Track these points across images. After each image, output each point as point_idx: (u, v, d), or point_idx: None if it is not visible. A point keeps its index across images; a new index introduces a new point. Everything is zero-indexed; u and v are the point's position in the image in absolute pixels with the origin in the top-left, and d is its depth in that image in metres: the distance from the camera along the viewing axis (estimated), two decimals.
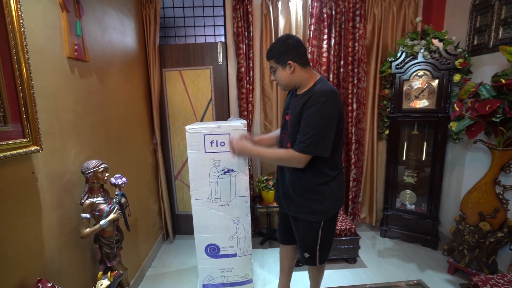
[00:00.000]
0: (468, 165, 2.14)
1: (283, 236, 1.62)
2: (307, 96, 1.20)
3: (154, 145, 2.42)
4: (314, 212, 1.30)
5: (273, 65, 1.28)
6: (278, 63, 1.26)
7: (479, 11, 2.01)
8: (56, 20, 1.20)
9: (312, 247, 1.39)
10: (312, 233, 1.36)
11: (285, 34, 1.28)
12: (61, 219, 1.20)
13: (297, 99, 1.27)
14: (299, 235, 1.42)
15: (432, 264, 2.12)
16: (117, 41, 1.78)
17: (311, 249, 1.40)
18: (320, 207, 1.29)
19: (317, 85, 1.22)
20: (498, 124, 1.67)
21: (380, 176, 2.63)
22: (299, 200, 1.33)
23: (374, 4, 2.36)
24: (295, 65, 1.23)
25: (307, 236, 1.38)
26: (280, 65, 1.25)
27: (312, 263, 1.44)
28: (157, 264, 2.24)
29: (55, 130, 1.17)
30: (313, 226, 1.34)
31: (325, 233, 1.36)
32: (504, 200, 1.78)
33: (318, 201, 1.29)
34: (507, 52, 1.61)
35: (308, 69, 1.27)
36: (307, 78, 1.26)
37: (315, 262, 1.43)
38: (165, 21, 2.55)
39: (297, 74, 1.25)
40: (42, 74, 1.10)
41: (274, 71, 1.29)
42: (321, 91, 1.17)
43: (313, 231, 1.35)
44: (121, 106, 1.81)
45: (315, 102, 1.15)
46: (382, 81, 2.46)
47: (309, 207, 1.31)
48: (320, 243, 1.37)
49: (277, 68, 1.27)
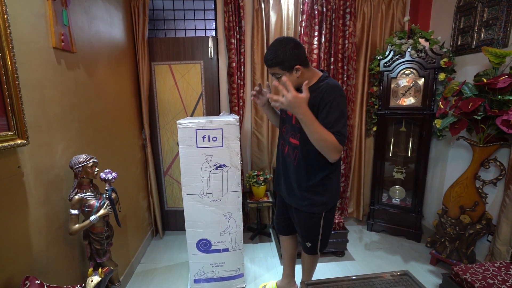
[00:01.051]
0: (451, 161, 2.24)
1: (282, 227, 1.67)
2: (317, 90, 1.20)
3: (143, 140, 2.38)
4: (317, 204, 1.36)
5: (278, 72, 1.22)
6: (285, 70, 1.21)
7: (463, 12, 2.09)
8: (41, 8, 1.15)
9: (315, 236, 1.46)
10: (314, 224, 1.43)
11: (285, 38, 1.21)
12: (49, 215, 1.17)
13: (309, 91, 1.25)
14: (301, 226, 1.46)
15: (416, 256, 2.21)
16: (104, 32, 1.73)
17: (313, 239, 1.47)
18: (322, 199, 1.34)
19: (325, 80, 1.23)
20: (479, 122, 1.75)
21: (368, 172, 2.70)
22: (303, 193, 1.36)
23: (364, 3, 2.40)
24: (302, 68, 1.21)
25: (310, 226, 1.44)
26: (287, 72, 1.21)
27: (314, 252, 1.51)
28: (147, 260, 2.21)
29: (41, 123, 1.13)
30: (315, 217, 1.40)
31: (326, 223, 1.43)
32: (483, 194, 1.88)
33: (320, 193, 1.34)
34: (489, 52, 1.68)
35: (310, 67, 1.28)
36: (310, 76, 1.27)
37: (316, 251, 1.51)
38: (154, 13, 2.49)
39: (304, 76, 1.24)
40: (27, 65, 1.05)
41: (279, 77, 1.23)
42: (335, 86, 1.19)
43: (315, 221, 1.42)
44: (109, 100, 1.76)
45: (331, 98, 1.16)
46: (371, 78, 2.51)
47: (312, 199, 1.36)
48: (322, 233, 1.44)
49: (283, 75, 1.22)
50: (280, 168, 1.49)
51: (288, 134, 1.38)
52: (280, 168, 1.48)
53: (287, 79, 1.09)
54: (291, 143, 1.36)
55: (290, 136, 1.36)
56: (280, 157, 1.49)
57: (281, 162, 1.47)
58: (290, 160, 1.39)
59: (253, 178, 2.38)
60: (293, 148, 1.36)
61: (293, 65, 1.19)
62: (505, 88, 1.61)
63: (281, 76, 1.21)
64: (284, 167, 1.44)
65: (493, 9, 1.86)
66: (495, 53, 1.66)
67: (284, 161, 1.44)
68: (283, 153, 1.45)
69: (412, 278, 1.24)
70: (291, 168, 1.38)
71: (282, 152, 1.45)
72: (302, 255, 1.61)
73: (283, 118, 1.45)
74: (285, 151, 1.42)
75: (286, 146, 1.41)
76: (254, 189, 2.40)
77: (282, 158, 1.46)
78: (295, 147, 1.34)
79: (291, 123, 1.35)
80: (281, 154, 1.47)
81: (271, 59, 1.20)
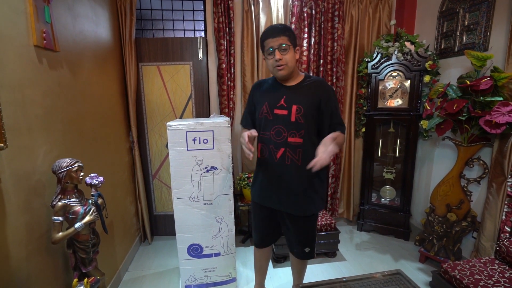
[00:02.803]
0: (437, 161, 2.31)
1: (265, 239, 1.56)
2: (313, 85, 1.26)
3: (131, 143, 2.30)
4: (316, 202, 1.33)
5: (287, 43, 1.18)
6: (291, 43, 1.20)
7: (446, 17, 2.16)
8: (20, 4, 1.08)
9: (313, 239, 1.44)
10: (312, 226, 1.40)
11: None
12: (30, 223, 1.10)
13: (297, 90, 1.26)
14: (299, 232, 1.38)
15: (405, 254, 2.25)
16: (89, 31, 1.66)
17: (312, 243, 1.43)
18: (321, 195, 1.34)
19: (311, 77, 1.30)
20: (464, 122, 1.81)
21: (357, 172, 2.73)
22: (307, 193, 1.30)
23: (352, 6, 2.44)
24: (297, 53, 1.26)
25: (308, 230, 1.40)
26: (292, 46, 1.21)
27: (312, 256, 1.46)
28: (135, 268, 2.13)
29: (21, 125, 1.06)
30: (312, 219, 1.37)
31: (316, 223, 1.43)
32: (468, 192, 1.94)
33: (319, 190, 1.33)
34: (471, 55, 1.75)
35: None
36: (297, 70, 1.30)
37: (314, 254, 1.47)
38: (141, 13, 2.43)
39: (295, 64, 1.25)
40: (5, 64, 0.99)
41: (284, 50, 1.19)
42: (324, 81, 1.29)
43: (313, 223, 1.39)
44: (95, 102, 1.70)
45: (330, 90, 1.27)
46: (359, 80, 2.56)
47: (313, 198, 1.32)
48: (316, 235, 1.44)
49: (289, 49, 1.20)
50: (269, 179, 1.34)
51: (283, 136, 1.26)
52: (270, 178, 1.33)
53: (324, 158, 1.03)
54: (291, 143, 1.25)
55: (289, 136, 1.25)
56: (268, 167, 1.33)
57: (271, 171, 1.32)
58: (289, 163, 1.27)
59: (244, 181, 2.35)
60: (294, 148, 1.25)
61: (296, 43, 1.23)
62: (487, 90, 1.67)
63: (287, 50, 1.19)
64: (277, 176, 1.31)
65: (474, 15, 1.94)
66: (477, 56, 1.72)
67: (276, 169, 1.30)
68: (272, 160, 1.29)
69: (404, 277, 1.26)
70: (291, 171, 1.27)
71: (272, 160, 1.29)
72: (295, 261, 1.55)
73: (268, 120, 1.28)
74: (278, 156, 1.28)
75: (280, 150, 1.27)
76: (245, 191, 2.37)
77: (272, 166, 1.31)
78: (297, 146, 1.25)
79: (289, 121, 1.24)
80: (271, 162, 1.31)
81: (283, 27, 1.21)
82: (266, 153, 1.32)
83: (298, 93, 1.25)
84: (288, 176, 1.29)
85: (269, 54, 1.22)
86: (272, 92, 1.31)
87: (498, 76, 1.64)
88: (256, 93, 1.38)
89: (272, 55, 1.21)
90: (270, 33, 1.21)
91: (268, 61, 1.24)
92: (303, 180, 1.28)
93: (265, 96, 1.31)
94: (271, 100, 1.29)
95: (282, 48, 1.19)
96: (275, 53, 1.20)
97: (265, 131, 1.31)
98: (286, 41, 1.19)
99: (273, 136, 1.28)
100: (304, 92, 1.25)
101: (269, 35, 1.20)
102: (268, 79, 1.41)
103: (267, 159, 1.32)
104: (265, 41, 1.23)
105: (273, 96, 1.29)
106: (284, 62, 1.20)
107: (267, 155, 1.32)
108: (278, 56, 1.19)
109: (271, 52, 1.21)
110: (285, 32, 1.19)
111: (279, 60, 1.19)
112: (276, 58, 1.19)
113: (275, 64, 1.21)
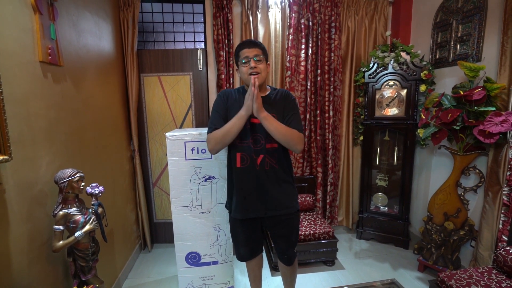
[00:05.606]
0: (434, 169, 2.32)
1: (254, 250, 1.54)
2: (281, 94, 1.39)
3: (132, 152, 2.35)
4: (295, 196, 1.44)
5: (261, 55, 1.30)
6: (265, 56, 1.33)
7: (440, 28, 2.21)
8: (28, 23, 1.15)
9: (297, 239, 1.50)
10: (297, 223, 1.47)
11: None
12: (32, 232, 1.13)
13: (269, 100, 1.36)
14: (288, 233, 1.45)
15: (404, 262, 2.24)
16: (93, 45, 1.73)
17: (296, 242, 1.50)
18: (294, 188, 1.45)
19: (277, 89, 1.43)
20: (458, 131, 1.83)
21: (356, 180, 2.75)
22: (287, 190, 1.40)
23: (348, 17, 2.50)
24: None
25: (295, 228, 1.47)
26: (265, 59, 1.33)
27: (295, 257, 1.53)
28: (134, 275, 2.15)
29: (26, 138, 1.11)
30: (297, 215, 1.45)
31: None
32: (465, 200, 1.95)
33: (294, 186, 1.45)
34: (464, 66, 1.78)
35: None
36: (266, 82, 1.42)
37: (296, 254, 1.53)
38: (143, 26, 2.51)
39: (265, 77, 1.35)
40: (12, 79, 1.04)
41: (259, 61, 1.29)
42: (289, 92, 1.42)
43: (297, 220, 1.46)
44: (97, 112, 1.75)
45: (295, 101, 1.40)
46: (356, 89, 2.60)
47: (293, 192, 1.43)
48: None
49: (263, 60, 1.31)
50: (252, 188, 1.35)
51: (261, 143, 1.33)
52: (253, 187, 1.35)
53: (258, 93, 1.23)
54: (269, 149, 1.33)
55: (267, 143, 1.33)
56: (250, 175, 1.35)
57: (252, 180, 1.34)
58: (268, 168, 1.33)
59: None
60: (271, 153, 1.34)
61: (267, 59, 1.37)
62: (480, 100, 1.70)
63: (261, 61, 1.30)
64: (260, 183, 1.34)
65: (467, 26, 1.98)
66: (469, 67, 1.76)
67: (259, 176, 1.34)
68: (254, 168, 1.32)
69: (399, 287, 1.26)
70: (272, 176, 1.34)
71: (253, 167, 1.33)
72: (284, 270, 1.57)
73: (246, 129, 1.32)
74: (258, 163, 1.33)
75: (260, 156, 1.33)
76: None
77: (253, 174, 1.34)
78: (274, 151, 1.34)
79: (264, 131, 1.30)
80: (252, 170, 1.33)
81: (258, 42, 1.34)
82: (248, 161, 1.34)
83: (271, 103, 1.35)
84: (270, 181, 1.35)
85: (244, 63, 1.31)
86: (238, 104, 1.35)
87: (491, 86, 1.67)
88: (229, 102, 1.39)
89: (247, 64, 1.30)
90: (247, 44, 1.32)
91: (243, 68, 1.32)
92: (281, 181, 1.37)
93: (240, 106, 1.31)
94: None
95: (256, 58, 1.29)
96: (250, 62, 1.29)
97: (243, 139, 1.34)
98: (260, 52, 1.31)
99: (252, 144, 1.33)
100: (275, 101, 1.37)
101: (246, 45, 1.31)
102: (233, 90, 1.44)
103: (248, 168, 1.34)
104: (241, 51, 1.32)
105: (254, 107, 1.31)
106: (258, 70, 1.29)
107: (248, 163, 1.34)
108: (253, 64, 1.28)
109: (246, 62, 1.30)
110: (260, 46, 1.33)
111: (254, 68, 1.28)
112: (251, 66, 1.28)
113: (249, 71, 1.29)
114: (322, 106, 2.56)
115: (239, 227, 1.46)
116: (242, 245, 1.51)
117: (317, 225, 2.25)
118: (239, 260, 1.56)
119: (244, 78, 1.33)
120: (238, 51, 1.34)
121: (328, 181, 2.62)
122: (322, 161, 2.62)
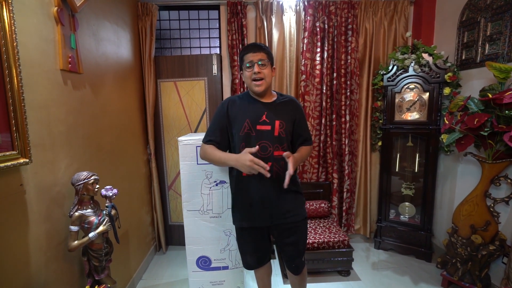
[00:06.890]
0: (460, 177, 2.16)
1: (262, 258, 1.50)
2: (290, 103, 1.37)
3: (148, 155, 2.42)
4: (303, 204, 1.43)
5: (265, 59, 1.26)
6: (270, 61, 1.30)
7: (466, 27, 2.07)
8: (50, 34, 1.22)
9: (305, 247, 1.46)
10: (305, 230, 1.44)
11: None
12: (49, 231, 1.19)
13: (275, 106, 1.33)
14: (295, 241, 1.40)
15: (426, 277, 2.10)
16: (111, 52, 1.81)
17: (304, 250, 1.45)
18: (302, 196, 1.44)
19: (284, 95, 1.41)
20: (487, 138, 1.70)
21: (374, 187, 2.63)
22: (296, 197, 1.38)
23: (366, 19, 2.42)
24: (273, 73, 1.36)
25: (302, 235, 1.43)
26: (270, 64, 1.30)
27: (304, 266, 1.49)
28: (148, 276, 2.20)
29: (45, 141, 1.17)
30: (304, 223, 1.42)
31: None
32: (495, 212, 1.79)
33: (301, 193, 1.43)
34: (493, 67, 1.65)
35: None
36: (271, 88, 1.37)
37: (304, 264, 1.49)
38: (161, 33, 2.59)
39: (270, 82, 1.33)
40: (34, 87, 1.11)
41: (263, 65, 1.26)
42: (296, 100, 1.42)
43: (305, 227, 1.43)
44: (114, 117, 1.82)
45: (302, 108, 1.42)
46: (375, 93, 2.50)
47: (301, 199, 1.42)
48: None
49: (268, 65, 1.28)
50: (255, 198, 1.32)
51: (269, 150, 1.29)
52: (257, 197, 1.31)
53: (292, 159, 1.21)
54: (277, 157, 1.29)
55: (275, 150, 1.29)
56: (257, 186, 1.31)
57: (258, 190, 1.31)
58: (276, 176, 1.29)
59: None
60: (279, 161, 1.29)
61: (273, 63, 1.34)
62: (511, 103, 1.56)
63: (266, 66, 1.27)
64: (265, 192, 1.31)
65: (497, 24, 1.84)
66: (499, 68, 1.62)
67: (265, 186, 1.30)
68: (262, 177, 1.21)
69: None
70: (278, 184, 1.28)
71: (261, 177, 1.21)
72: (293, 279, 1.52)
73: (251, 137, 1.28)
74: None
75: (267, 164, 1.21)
76: None
77: (259, 185, 1.30)
78: (281, 158, 1.27)
79: (272, 136, 1.28)
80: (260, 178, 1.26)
81: (263, 46, 1.29)
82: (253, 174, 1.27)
83: (278, 109, 1.32)
84: (277, 188, 1.31)
85: (248, 67, 1.28)
86: (251, 109, 1.32)
87: None
88: (232, 109, 1.34)
89: (251, 69, 1.26)
90: (251, 48, 1.28)
91: (246, 73, 1.29)
92: (288, 189, 1.29)
93: (245, 113, 1.30)
94: (252, 116, 1.30)
95: (261, 63, 1.26)
96: (254, 67, 1.25)
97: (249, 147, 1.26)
98: (265, 57, 1.27)
99: (259, 152, 1.25)
100: (282, 108, 1.34)
101: (250, 50, 1.27)
102: (238, 96, 1.40)
103: (255, 177, 1.26)
104: (245, 55, 1.28)
105: (253, 113, 1.31)
106: (262, 75, 1.26)
107: (253, 176, 1.27)
108: (257, 69, 1.25)
109: (250, 66, 1.27)
110: (265, 49, 1.28)
111: (258, 73, 1.25)
112: (255, 71, 1.25)
113: (253, 77, 1.26)
114: (338, 110, 2.49)
115: (246, 236, 1.43)
116: (249, 253, 1.48)
117: (331, 233, 2.17)
118: (246, 268, 1.54)
119: (248, 83, 1.31)
120: (242, 55, 1.30)
121: (344, 187, 2.53)
122: (338, 167, 2.54)
